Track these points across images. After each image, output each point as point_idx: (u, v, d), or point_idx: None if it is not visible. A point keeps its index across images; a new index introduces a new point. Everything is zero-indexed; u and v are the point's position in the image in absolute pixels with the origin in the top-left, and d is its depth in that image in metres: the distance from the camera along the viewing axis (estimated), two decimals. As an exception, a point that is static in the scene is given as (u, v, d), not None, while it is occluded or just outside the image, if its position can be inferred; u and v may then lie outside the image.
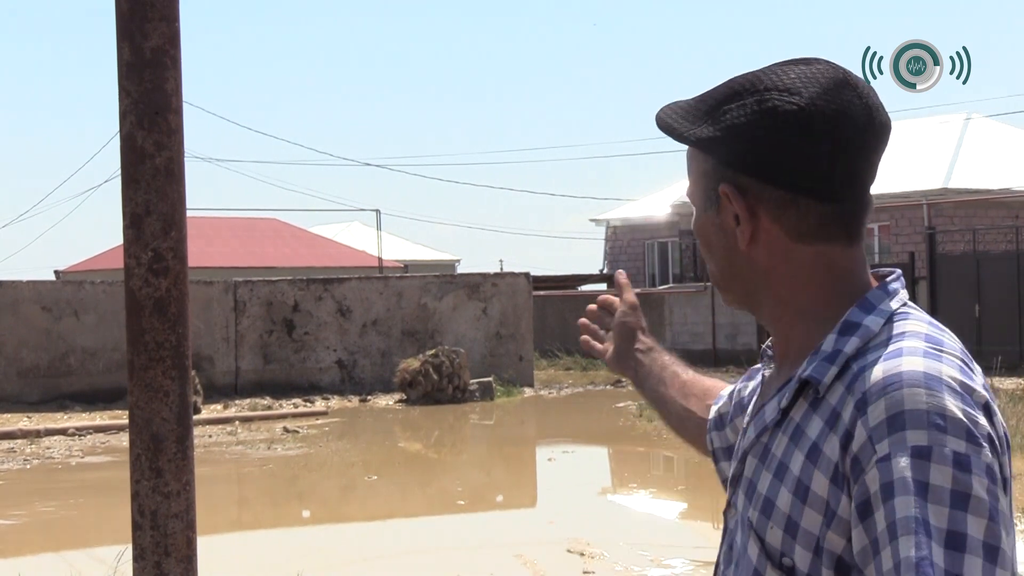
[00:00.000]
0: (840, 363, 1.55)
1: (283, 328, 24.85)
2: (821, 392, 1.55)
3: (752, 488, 1.63)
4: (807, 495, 1.52)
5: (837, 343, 1.58)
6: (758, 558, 1.58)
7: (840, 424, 1.50)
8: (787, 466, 1.56)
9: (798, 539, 1.53)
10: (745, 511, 1.64)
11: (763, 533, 1.57)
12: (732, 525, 1.71)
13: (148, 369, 2.65)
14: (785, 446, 1.58)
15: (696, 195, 1.73)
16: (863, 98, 1.61)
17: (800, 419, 1.57)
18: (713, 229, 1.71)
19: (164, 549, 2.67)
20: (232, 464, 16.08)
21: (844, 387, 1.52)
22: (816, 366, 1.56)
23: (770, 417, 1.63)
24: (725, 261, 1.70)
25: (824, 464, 1.51)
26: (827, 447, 1.51)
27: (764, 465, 1.61)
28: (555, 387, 26.19)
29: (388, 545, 11.35)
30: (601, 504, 13.53)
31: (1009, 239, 27.72)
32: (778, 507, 1.55)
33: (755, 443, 1.65)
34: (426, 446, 19.04)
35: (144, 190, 2.64)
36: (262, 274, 32.33)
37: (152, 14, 2.62)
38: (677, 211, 37.72)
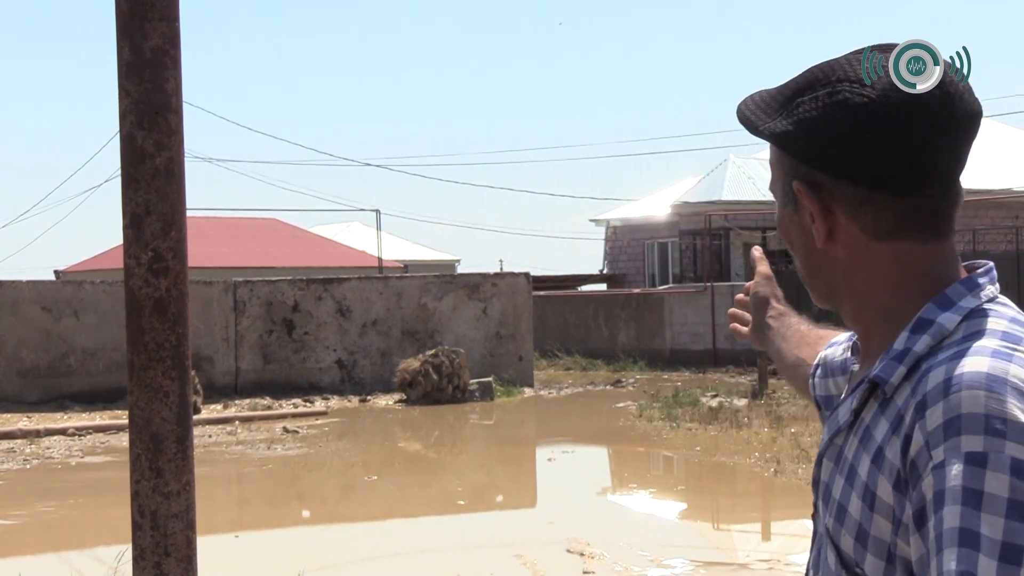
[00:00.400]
0: (909, 363, 1.50)
1: (283, 328, 24.84)
2: (888, 393, 1.50)
3: (828, 493, 1.58)
4: (874, 501, 1.46)
5: (908, 341, 1.52)
6: (836, 566, 1.54)
7: (902, 427, 1.44)
8: (856, 470, 1.51)
9: (869, 547, 1.47)
10: (824, 518, 1.59)
11: (838, 540, 1.53)
12: (820, 529, 1.64)
13: (148, 369, 2.65)
14: (855, 449, 1.53)
15: (776, 190, 1.67)
16: (943, 86, 1.55)
17: (869, 421, 1.52)
18: (793, 226, 1.65)
19: (164, 549, 2.67)
20: (232, 464, 16.08)
21: (910, 388, 1.46)
22: (884, 366, 1.51)
23: (843, 419, 1.58)
24: (805, 258, 1.65)
25: (888, 469, 1.45)
26: (890, 451, 1.45)
27: (838, 469, 1.56)
28: (555, 387, 26.18)
29: (388, 545, 11.35)
30: (601, 504, 13.53)
31: (1009, 239, 27.74)
32: (850, 514, 1.50)
33: (829, 446, 1.60)
34: (426, 446, 19.03)
35: (144, 190, 2.64)
36: (262, 274, 32.32)
37: (152, 14, 2.62)
38: (677, 211, 37.70)
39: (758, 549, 10.92)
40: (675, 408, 19.49)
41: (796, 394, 1.97)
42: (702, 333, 30.11)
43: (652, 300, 31.79)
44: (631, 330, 31.54)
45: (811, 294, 1.70)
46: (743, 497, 13.92)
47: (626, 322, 31.76)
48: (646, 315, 31.40)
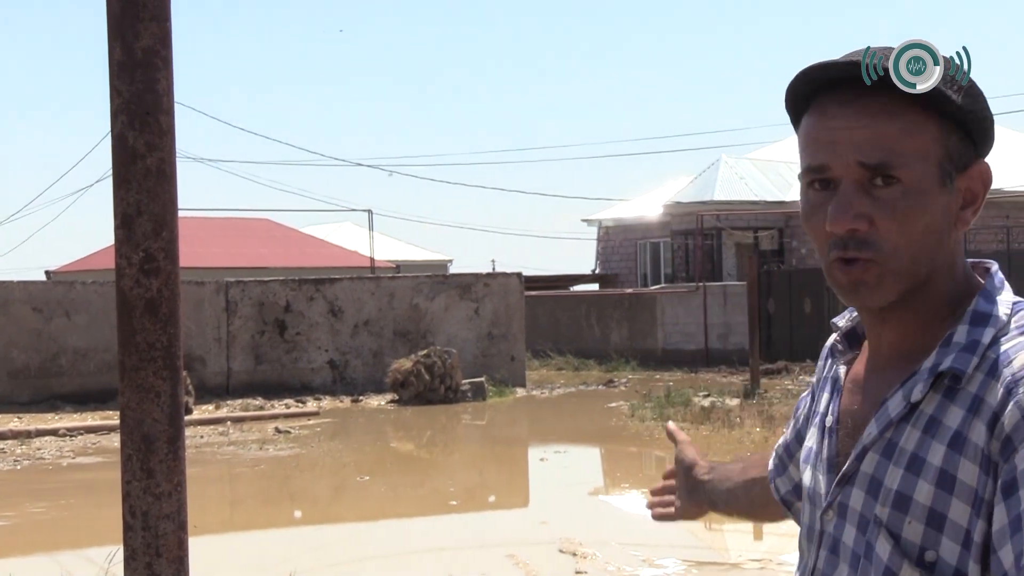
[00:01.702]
0: (980, 353, 1.53)
1: (275, 328, 24.83)
2: (963, 383, 1.53)
3: (877, 484, 1.58)
4: (954, 485, 1.49)
5: (972, 334, 1.55)
6: (891, 556, 1.54)
7: (985, 408, 1.48)
8: (924, 459, 1.53)
9: (945, 532, 1.50)
10: (868, 508, 1.59)
11: (898, 529, 1.54)
12: (832, 529, 1.66)
13: (139, 370, 2.64)
14: (918, 439, 1.55)
15: (915, 167, 1.57)
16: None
17: (935, 411, 1.54)
18: (938, 208, 1.59)
19: (155, 550, 2.66)
20: (224, 465, 16.06)
21: (984, 374, 1.51)
22: (957, 357, 1.54)
23: (895, 411, 1.58)
24: (927, 244, 1.59)
25: (971, 451, 1.48)
26: (972, 433, 1.49)
27: (891, 460, 1.57)
28: (547, 387, 26.18)
29: (380, 545, 11.34)
30: (593, 504, 13.53)
31: (1000, 239, 27.80)
32: (916, 501, 1.52)
33: (878, 439, 1.60)
34: (418, 446, 19.02)
35: (135, 190, 2.64)
36: (254, 274, 32.29)
37: (144, 14, 2.62)
38: (669, 211, 37.72)
39: (750, 549, 10.92)
40: (667, 408, 19.50)
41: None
42: (694, 333, 30.13)
43: (644, 300, 31.81)
44: (623, 330, 31.56)
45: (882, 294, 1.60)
46: (735, 497, 13.91)
47: (618, 322, 31.77)
48: (638, 315, 31.42)
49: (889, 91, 1.58)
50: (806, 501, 1.77)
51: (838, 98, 1.60)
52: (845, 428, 1.71)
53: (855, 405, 1.70)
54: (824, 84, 1.62)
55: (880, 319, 1.65)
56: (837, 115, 1.59)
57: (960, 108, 1.58)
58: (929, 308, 1.62)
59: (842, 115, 1.59)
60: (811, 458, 1.77)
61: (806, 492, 1.77)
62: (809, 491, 1.76)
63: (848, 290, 1.60)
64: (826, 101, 1.61)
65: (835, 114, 1.59)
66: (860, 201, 1.56)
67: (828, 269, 1.62)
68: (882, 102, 1.58)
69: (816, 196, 1.62)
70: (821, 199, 1.61)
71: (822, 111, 1.61)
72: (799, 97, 1.66)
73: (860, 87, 1.59)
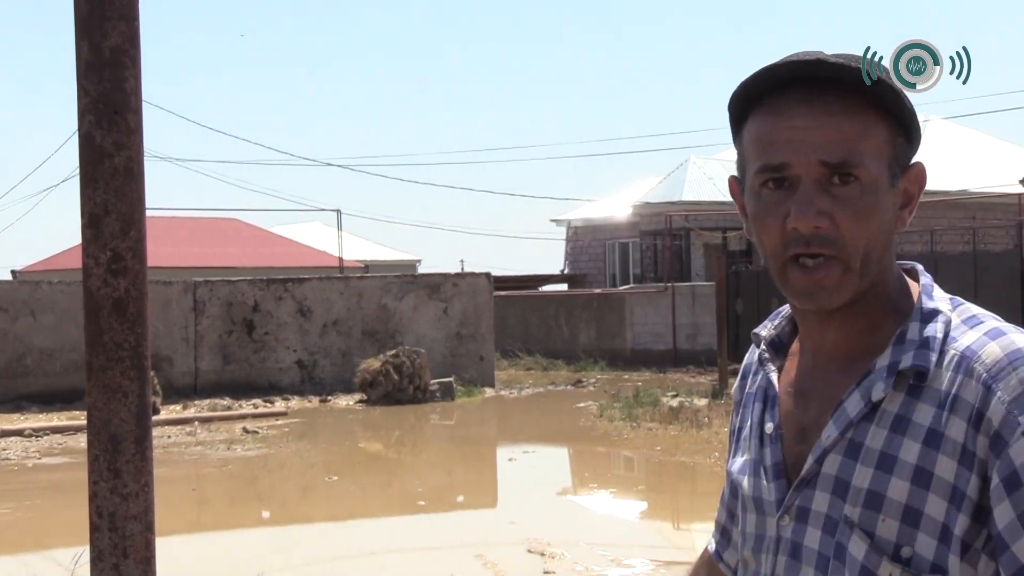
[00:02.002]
0: (937, 349, 1.56)
1: (243, 328, 24.75)
2: (928, 379, 1.55)
3: (844, 485, 1.59)
4: (931, 481, 1.51)
5: (925, 330, 1.59)
6: (867, 554, 1.55)
7: (962, 405, 1.51)
8: (895, 456, 1.54)
9: (921, 527, 1.52)
10: (835, 510, 1.60)
11: (872, 528, 1.55)
12: (791, 534, 1.66)
13: (107, 370, 2.63)
14: (886, 437, 1.56)
15: (878, 168, 1.61)
16: None
17: (901, 409, 1.56)
18: (890, 208, 1.63)
19: (122, 551, 2.65)
20: (191, 465, 16.00)
21: (952, 371, 1.54)
22: (917, 354, 1.56)
23: (855, 411, 1.59)
24: (879, 243, 1.62)
25: (949, 447, 1.51)
26: (950, 430, 1.51)
27: (858, 460, 1.58)
28: (516, 387, 26.19)
29: (348, 546, 11.32)
30: (562, 504, 13.54)
31: (967, 240, 27.96)
32: (890, 498, 1.54)
33: (839, 440, 1.60)
34: (387, 446, 19.00)
35: (103, 190, 2.62)
36: (222, 274, 32.16)
37: (111, 13, 2.61)
38: (638, 212, 37.80)
39: (718, 548, 10.95)
40: (636, 408, 19.53)
41: None
42: (663, 333, 30.19)
43: (613, 300, 31.86)
44: (592, 330, 31.59)
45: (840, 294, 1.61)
46: (703, 497, 13.96)
47: (587, 322, 31.81)
48: (607, 315, 31.46)
49: (845, 91, 1.60)
50: (749, 511, 1.76)
51: (795, 97, 1.61)
52: (790, 433, 1.70)
53: (798, 409, 1.70)
54: (774, 85, 1.63)
55: (825, 320, 1.66)
56: (796, 115, 1.60)
57: (908, 111, 1.62)
58: (875, 307, 1.65)
59: (801, 114, 1.59)
60: (750, 468, 1.77)
61: (748, 501, 1.76)
62: (753, 499, 1.75)
63: (805, 293, 1.61)
64: (781, 101, 1.62)
65: (794, 113, 1.60)
66: (821, 199, 1.57)
67: (782, 270, 1.62)
68: (839, 102, 1.60)
69: (771, 196, 1.62)
70: (776, 198, 1.61)
71: (777, 111, 1.62)
72: (749, 99, 1.66)
73: (816, 87, 1.60)
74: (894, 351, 1.59)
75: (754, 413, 1.80)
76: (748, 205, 1.67)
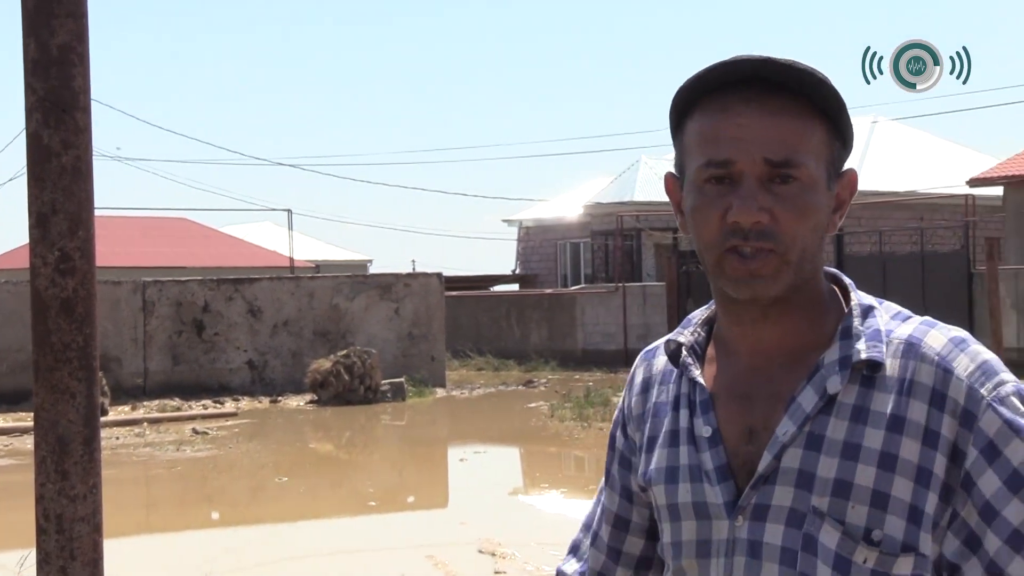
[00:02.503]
0: (884, 341, 1.62)
1: (193, 329, 24.61)
2: (881, 369, 1.61)
3: (808, 477, 1.61)
4: (895, 464, 1.57)
5: (867, 324, 1.65)
6: (840, 542, 1.58)
7: (920, 389, 1.58)
8: (859, 445, 1.59)
9: (890, 509, 1.57)
10: (802, 502, 1.62)
11: (842, 516, 1.58)
12: (747, 533, 1.66)
13: (54, 370, 2.61)
14: (848, 428, 1.60)
15: (817, 169, 1.64)
16: None
17: (857, 400, 1.61)
18: (825, 207, 1.66)
19: (70, 553, 2.63)
20: (140, 466, 15.89)
21: (900, 358, 1.60)
22: (869, 347, 1.62)
23: (810, 406, 1.62)
24: (814, 241, 1.65)
25: (912, 429, 1.57)
26: (912, 413, 1.57)
27: (820, 452, 1.61)
28: (467, 387, 26.17)
29: (299, 547, 11.28)
30: (513, 504, 13.55)
31: (914, 240, 28.18)
32: (857, 485, 1.58)
33: (797, 435, 1.63)
34: (337, 447, 18.94)
35: (51, 189, 2.60)
36: (171, 274, 31.98)
37: (59, 10, 2.58)
38: (589, 212, 37.88)
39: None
40: (587, 408, 19.56)
41: None
42: (614, 333, 30.25)
43: (564, 300, 31.90)
44: (543, 330, 31.62)
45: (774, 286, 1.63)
46: (654, 496, 14.00)
47: (538, 322, 31.83)
48: (558, 315, 31.49)
49: (789, 92, 1.63)
50: (685, 518, 1.75)
51: (741, 96, 1.63)
52: (734, 435, 1.71)
53: (741, 411, 1.71)
54: (719, 84, 1.65)
55: (763, 319, 1.68)
56: (743, 112, 1.62)
57: (847, 116, 1.66)
58: (812, 304, 1.69)
59: (748, 113, 1.62)
60: (682, 475, 1.76)
61: (683, 508, 1.75)
62: (693, 505, 1.74)
63: (742, 281, 1.62)
64: (727, 99, 1.64)
65: (740, 111, 1.63)
66: (763, 196, 1.60)
67: (718, 261, 1.64)
68: (784, 102, 1.63)
69: (713, 190, 1.64)
70: (718, 193, 1.63)
71: (723, 108, 1.64)
72: (694, 96, 1.68)
73: (762, 88, 1.63)
74: (842, 345, 1.63)
75: (674, 420, 1.80)
76: (687, 199, 1.70)
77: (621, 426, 1.95)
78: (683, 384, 1.80)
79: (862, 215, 31.76)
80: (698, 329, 1.83)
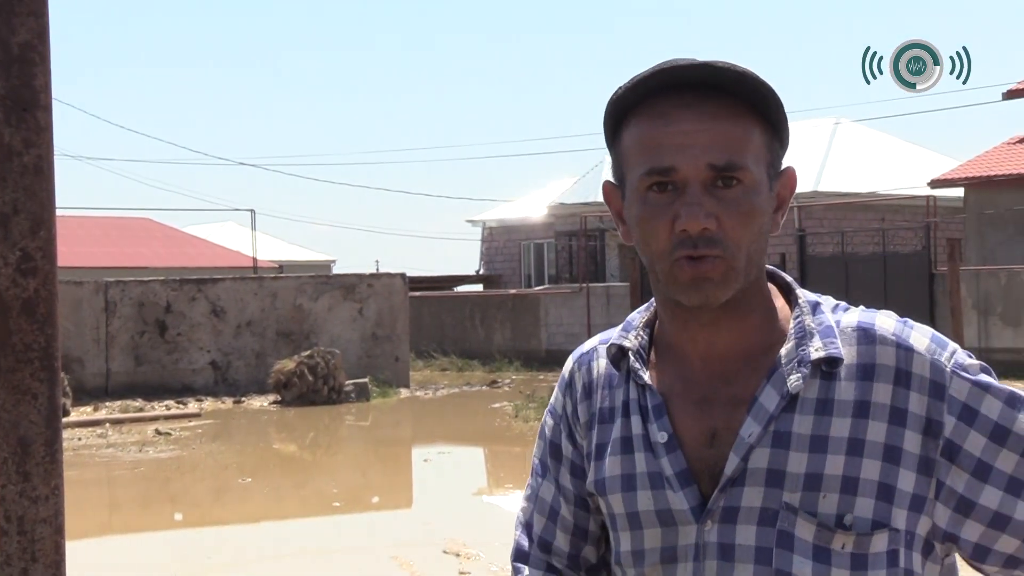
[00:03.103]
0: (837, 335, 1.64)
1: (155, 329, 24.50)
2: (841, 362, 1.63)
3: (779, 475, 1.62)
4: (863, 447, 1.59)
5: (819, 321, 1.67)
6: (816, 534, 1.60)
7: (883, 371, 1.61)
8: (826, 436, 1.60)
9: (859, 492, 1.59)
10: (773, 500, 1.62)
11: (814, 508, 1.60)
12: (717, 536, 1.65)
13: (15, 371, 2.59)
14: (814, 422, 1.61)
15: (760, 173, 1.64)
16: None
17: (819, 394, 1.62)
18: (768, 208, 1.67)
19: (31, 555, 2.61)
20: (102, 467, 15.81)
21: (855, 344, 1.64)
22: (827, 344, 1.63)
23: (773, 405, 1.63)
24: (759, 244, 1.65)
25: (878, 412, 1.60)
26: (877, 395, 1.60)
27: (789, 449, 1.62)
28: (431, 388, 26.16)
29: (263, 548, 11.25)
30: (477, 505, 13.55)
31: (876, 241, 28.35)
32: (827, 475, 1.59)
33: (763, 435, 1.63)
34: (301, 448, 18.90)
35: (12, 188, 2.59)
36: (134, 274, 31.84)
37: (20, 9, 2.57)
38: (553, 212, 37.92)
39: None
40: (551, 408, 19.54)
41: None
42: (577, 333, 30.27)
43: (528, 301, 31.92)
44: (507, 331, 31.64)
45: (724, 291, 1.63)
46: (618, 496, 14.04)
47: (502, 323, 31.85)
48: (522, 316, 31.51)
49: (725, 95, 1.62)
50: (647, 526, 1.72)
51: (678, 102, 1.63)
52: (694, 440, 1.69)
53: (699, 415, 1.70)
54: (653, 90, 1.64)
55: (715, 323, 1.67)
56: (682, 118, 1.62)
57: (783, 115, 1.66)
58: (760, 305, 1.70)
59: (687, 118, 1.61)
60: (641, 482, 1.73)
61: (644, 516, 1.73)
62: (656, 513, 1.71)
63: (692, 286, 1.62)
64: (663, 106, 1.63)
65: (679, 117, 1.62)
66: (709, 202, 1.60)
67: (670, 269, 1.63)
68: (721, 105, 1.62)
69: (657, 198, 1.63)
70: (664, 201, 1.62)
71: (662, 115, 1.63)
72: (629, 104, 1.67)
73: (698, 92, 1.62)
74: (798, 343, 1.64)
75: (625, 427, 1.77)
76: (631, 209, 1.68)
77: (567, 434, 1.89)
78: (631, 389, 1.77)
79: (824, 216, 31.92)
80: (640, 333, 1.80)
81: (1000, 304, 24.30)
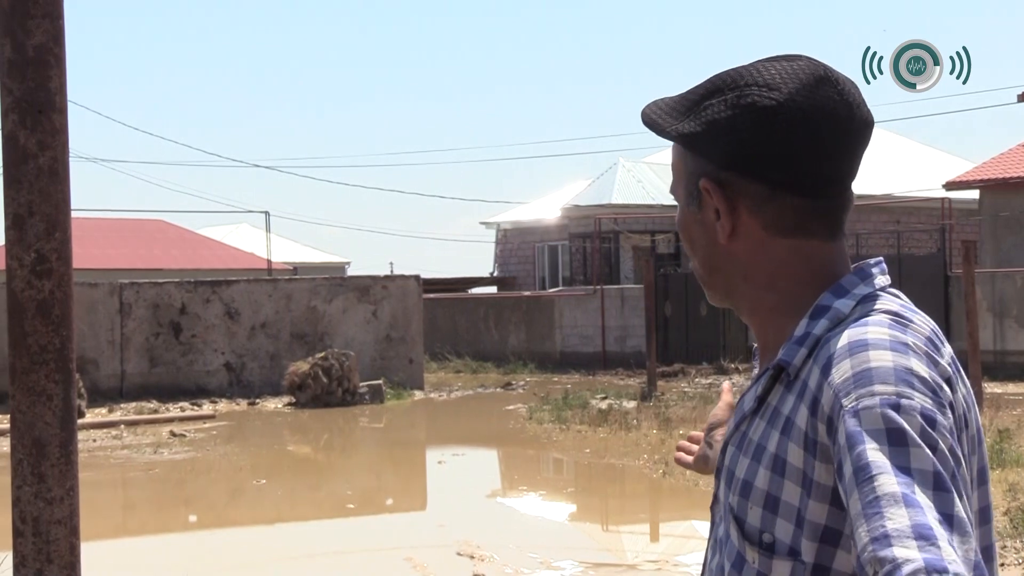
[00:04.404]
0: (810, 345, 1.58)
1: (170, 331, 24.53)
2: (793, 374, 1.58)
3: (731, 476, 1.65)
4: (784, 468, 1.54)
5: (808, 327, 1.61)
6: (739, 541, 1.60)
7: (808, 394, 1.53)
8: (764, 447, 1.58)
9: (779, 513, 1.55)
10: (726, 499, 1.66)
11: (743, 515, 1.60)
12: (717, 519, 1.73)
13: (31, 373, 2.60)
14: (763, 430, 1.61)
15: (679, 191, 1.73)
16: (843, 95, 1.62)
17: (776, 403, 1.60)
18: (695, 224, 1.71)
19: (47, 556, 2.62)
20: (117, 469, 15.84)
21: (809, 359, 1.56)
22: (787, 350, 1.60)
23: (748, 406, 1.66)
24: (707, 256, 1.71)
25: (796, 434, 1.53)
26: (798, 418, 1.53)
27: (741, 451, 1.64)
28: (445, 390, 26.16)
29: (277, 550, 11.26)
30: (491, 507, 13.54)
31: (891, 243, 28.33)
32: (756, 487, 1.58)
33: (735, 433, 1.68)
34: (315, 449, 18.91)
35: (27, 190, 2.59)
36: (149, 276, 31.88)
37: (35, 11, 2.57)
38: (567, 214, 37.89)
39: (647, 550, 11.00)
40: (565, 410, 19.54)
41: None
42: (592, 336, 30.27)
43: (542, 303, 31.89)
44: (521, 333, 31.62)
45: (709, 293, 1.76)
46: (632, 499, 14.03)
47: (516, 325, 31.83)
48: (536, 318, 31.48)
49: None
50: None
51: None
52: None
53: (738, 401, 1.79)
54: None
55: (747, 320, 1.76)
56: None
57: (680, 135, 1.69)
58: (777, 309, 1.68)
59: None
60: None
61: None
62: None
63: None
64: None
65: None
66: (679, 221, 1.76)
67: None
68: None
69: None
70: None
71: None
72: None
73: None
74: (783, 348, 1.63)
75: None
76: None
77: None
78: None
79: (839, 218, 31.83)
80: None
81: (1016, 306, 24.23)
